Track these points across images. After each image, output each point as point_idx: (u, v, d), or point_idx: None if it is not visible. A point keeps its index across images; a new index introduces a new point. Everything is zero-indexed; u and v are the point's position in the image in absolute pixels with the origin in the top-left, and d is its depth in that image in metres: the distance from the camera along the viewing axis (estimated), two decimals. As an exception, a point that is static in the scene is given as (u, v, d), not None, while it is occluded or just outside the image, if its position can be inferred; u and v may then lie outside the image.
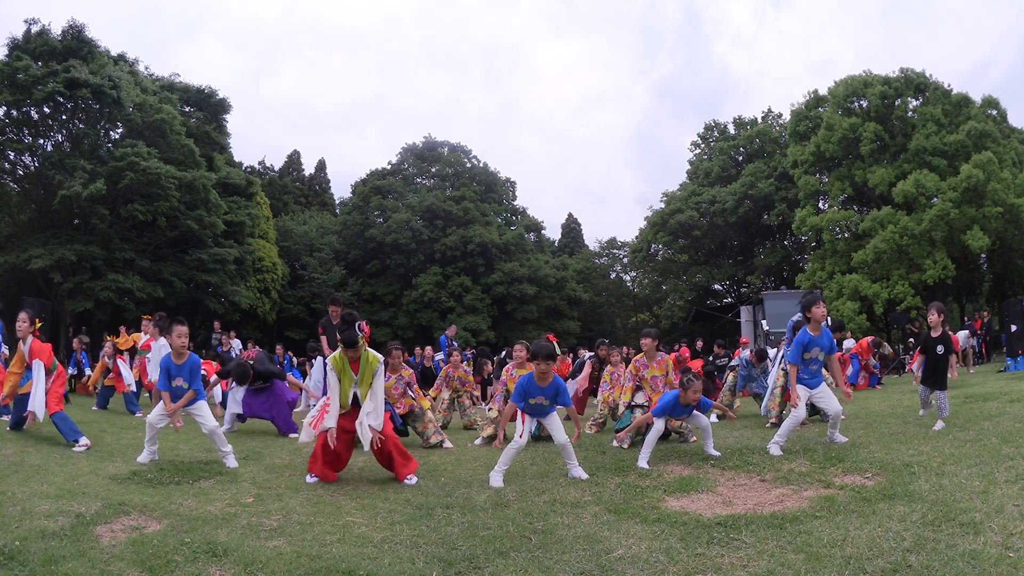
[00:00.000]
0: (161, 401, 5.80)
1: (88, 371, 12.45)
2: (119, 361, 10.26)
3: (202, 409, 5.81)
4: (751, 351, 9.38)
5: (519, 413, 5.36)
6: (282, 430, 8.16)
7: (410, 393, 7.47)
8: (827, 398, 5.93)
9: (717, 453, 5.72)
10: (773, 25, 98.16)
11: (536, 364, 5.23)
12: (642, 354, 7.22)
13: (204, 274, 26.27)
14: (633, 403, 7.45)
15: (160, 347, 9.25)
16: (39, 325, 6.79)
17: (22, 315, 6.64)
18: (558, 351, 5.75)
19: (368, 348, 5.25)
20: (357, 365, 5.21)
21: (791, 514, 3.81)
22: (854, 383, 13.23)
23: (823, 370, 6.14)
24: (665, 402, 5.85)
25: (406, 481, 5.19)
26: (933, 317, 6.64)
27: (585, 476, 5.22)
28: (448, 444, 7.28)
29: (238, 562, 3.18)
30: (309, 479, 5.20)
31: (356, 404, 5.27)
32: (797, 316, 7.58)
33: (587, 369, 9.41)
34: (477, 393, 9.18)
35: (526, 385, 5.26)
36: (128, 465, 5.55)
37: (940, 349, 6.51)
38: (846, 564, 2.98)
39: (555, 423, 5.38)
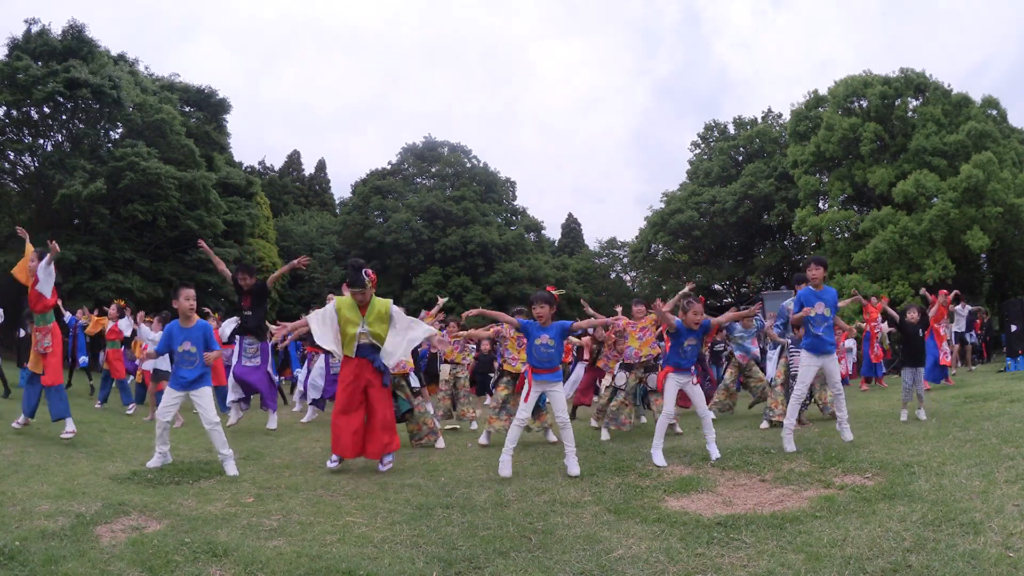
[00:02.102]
0: (167, 395, 5.53)
1: (84, 357, 12.41)
2: (120, 321, 10.14)
3: (205, 398, 5.51)
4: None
5: (526, 382, 5.43)
6: (264, 403, 8.32)
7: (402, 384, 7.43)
8: (835, 371, 5.98)
9: (718, 455, 5.60)
10: (772, 25, 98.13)
11: (534, 308, 5.41)
12: (631, 318, 7.70)
13: (204, 274, 26.24)
14: (615, 385, 7.57)
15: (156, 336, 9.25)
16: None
17: (33, 252, 6.52)
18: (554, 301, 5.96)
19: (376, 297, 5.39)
20: (365, 310, 5.34)
21: (791, 514, 3.81)
22: (869, 375, 13.21)
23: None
24: (671, 348, 5.82)
25: (381, 465, 5.32)
26: (913, 315, 7.72)
27: (576, 471, 5.21)
28: (440, 444, 7.14)
29: (238, 562, 3.18)
30: (330, 464, 5.34)
31: (361, 355, 5.38)
32: (788, 302, 7.67)
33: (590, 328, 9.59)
34: (469, 388, 9.10)
35: (529, 326, 5.39)
36: (128, 465, 5.54)
37: (920, 332, 7.61)
38: (846, 564, 2.98)
39: (559, 400, 5.41)
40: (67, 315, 12.15)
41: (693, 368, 6.00)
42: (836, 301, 6.07)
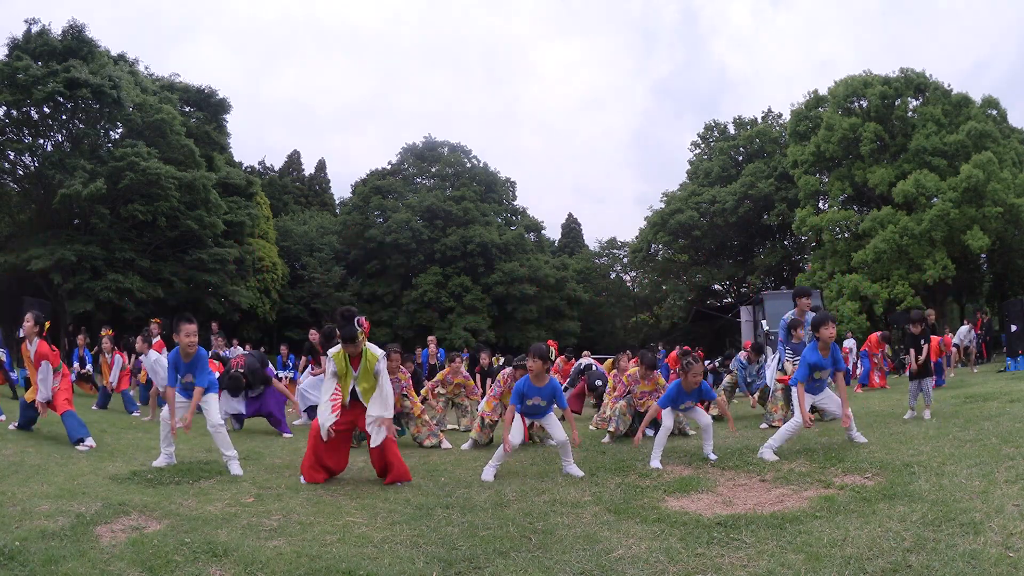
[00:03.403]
0: (175, 399, 5.59)
1: (90, 366, 12.41)
2: (116, 356, 10.18)
3: (211, 402, 5.55)
4: (750, 348, 9.40)
5: (517, 415, 5.51)
6: (279, 429, 8.35)
7: (405, 394, 7.42)
8: (830, 399, 5.93)
9: (714, 456, 5.67)
10: (772, 25, 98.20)
11: (528, 360, 5.45)
12: (636, 371, 7.64)
13: (204, 274, 26.25)
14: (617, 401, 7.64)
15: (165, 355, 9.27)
16: (48, 327, 6.76)
17: (28, 316, 6.52)
18: (553, 356, 5.73)
19: (368, 344, 5.19)
20: (357, 362, 5.18)
21: (791, 514, 3.81)
22: (865, 383, 13.22)
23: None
24: (669, 392, 5.92)
25: (397, 484, 5.17)
26: (915, 328, 7.69)
27: (580, 474, 5.27)
28: (446, 444, 7.23)
29: (238, 562, 3.18)
30: (303, 480, 5.17)
31: (355, 400, 5.22)
32: (790, 314, 7.62)
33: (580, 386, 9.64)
34: (476, 396, 9.07)
35: (523, 387, 5.47)
36: (128, 465, 5.54)
37: (923, 343, 7.52)
38: (846, 564, 2.98)
39: (553, 422, 5.56)
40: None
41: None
42: (840, 362, 5.88)
